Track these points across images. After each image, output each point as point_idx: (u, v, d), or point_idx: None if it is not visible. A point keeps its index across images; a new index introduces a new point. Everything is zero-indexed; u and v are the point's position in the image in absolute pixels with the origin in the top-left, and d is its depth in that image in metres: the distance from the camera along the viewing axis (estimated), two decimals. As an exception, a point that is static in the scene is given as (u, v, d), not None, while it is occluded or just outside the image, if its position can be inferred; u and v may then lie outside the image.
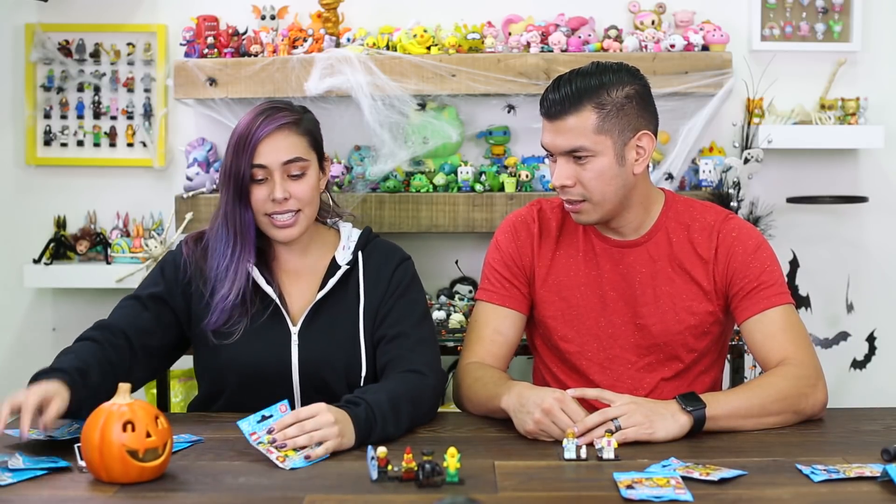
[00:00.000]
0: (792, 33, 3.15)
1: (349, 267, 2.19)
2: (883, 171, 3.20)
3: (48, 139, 3.20)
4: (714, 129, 3.11)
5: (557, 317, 2.22)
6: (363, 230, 2.27)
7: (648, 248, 2.20)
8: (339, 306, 2.17)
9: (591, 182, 2.09)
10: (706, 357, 2.22)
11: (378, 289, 2.18)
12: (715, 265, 2.16)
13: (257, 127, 2.11)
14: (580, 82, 2.08)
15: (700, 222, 2.20)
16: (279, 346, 2.14)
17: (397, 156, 2.98)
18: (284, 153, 2.12)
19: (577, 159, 2.09)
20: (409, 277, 2.22)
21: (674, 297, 2.17)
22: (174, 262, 2.22)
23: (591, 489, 1.66)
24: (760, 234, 2.23)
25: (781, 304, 2.12)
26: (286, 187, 2.11)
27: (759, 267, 2.14)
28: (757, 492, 1.63)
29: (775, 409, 1.98)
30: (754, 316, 2.11)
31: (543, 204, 2.30)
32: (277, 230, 2.15)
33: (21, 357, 3.25)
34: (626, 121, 2.10)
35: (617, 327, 2.19)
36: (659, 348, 2.18)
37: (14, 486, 1.67)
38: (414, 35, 3.00)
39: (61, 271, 3.10)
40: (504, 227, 2.30)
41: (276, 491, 1.66)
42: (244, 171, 2.10)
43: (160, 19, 3.17)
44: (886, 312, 3.21)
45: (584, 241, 2.24)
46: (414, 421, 1.99)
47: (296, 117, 2.16)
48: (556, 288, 2.22)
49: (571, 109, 2.06)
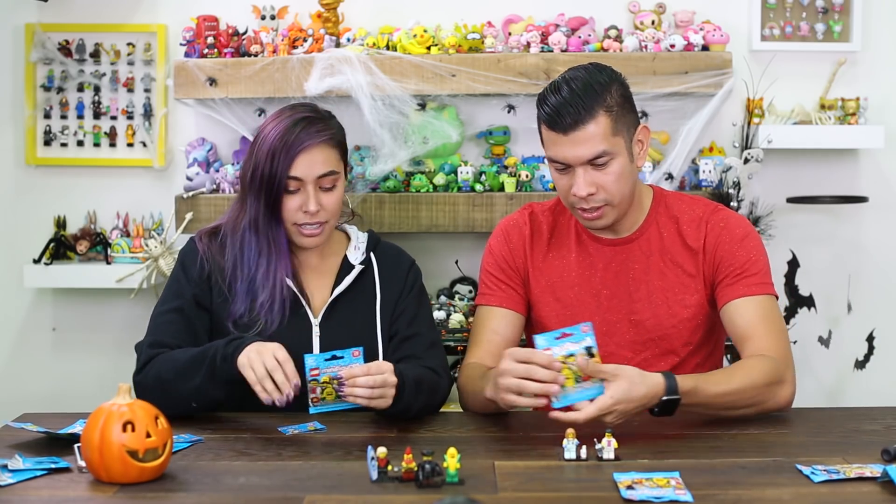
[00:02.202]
0: (792, 33, 3.15)
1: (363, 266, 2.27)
2: (883, 171, 3.20)
3: (48, 139, 3.20)
4: (714, 129, 3.11)
5: (552, 317, 2.24)
6: (369, 233, 2.35)
7: (640, 244, 2.22)
8: (356, 302, 2.25)
9: (611, 185, 2.11)
10: (701, 350, 2.23)
11: (394, 286, 2.28)
12: (704, 255, 2.18)
13: (296, 137, 2.14)
14: (583, 89, 2.08)
15: (689, 215, 2.22)
16: (301, 338, 2.18)
17: (397, 156, 2.98)
18: (320, 167, 2.17)
19: (596, 166, 2.09)
20: (420, 279, 2.34)
21: (666, 291, 2.19)
22: (192, 260, 2.23)
23: (591, 489, 1.66)
24: (750, 224, 2.25)
25: (764, 294, 2.13)
26: (319, 199, 2.17)
27: (745, 255, 2.16)
28: (757, 492, 1.63)
29: (747, 398, 1.99)
30: (734, 300, 2.12)
31: (535, 207, 2.33)
32: (304, 238, 2.21)
33: (21, 357, 3.25)
34: (628, 117, 2.13)
35: (612, 325, 2.21)
36: (654, 343, 2.20)
37: (14, 486, 1.68)
38: (414, 35, 3.00)
39: (61, 271, 3.10)
40: (496, 231, 2.34)
41: (276, 491, 1.66)
42: (279, 181, 2.14)
43: (160, 19, 3.17)
44: (886, 312, 3.21)
45: (576, 241, 2.26)
46: (423, 410, 2.09)
47: (332, 131, 2.21)
48: (551, 288, 2.25)
49: (587, 118, 2.06)
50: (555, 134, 2.10)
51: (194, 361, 2.02)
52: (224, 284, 2.20)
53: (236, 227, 2.23)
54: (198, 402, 2.03)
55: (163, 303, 2.22)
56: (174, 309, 2.18)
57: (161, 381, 2.04)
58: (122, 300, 3.16)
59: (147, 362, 2.09)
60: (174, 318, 2.17)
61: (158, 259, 3.00)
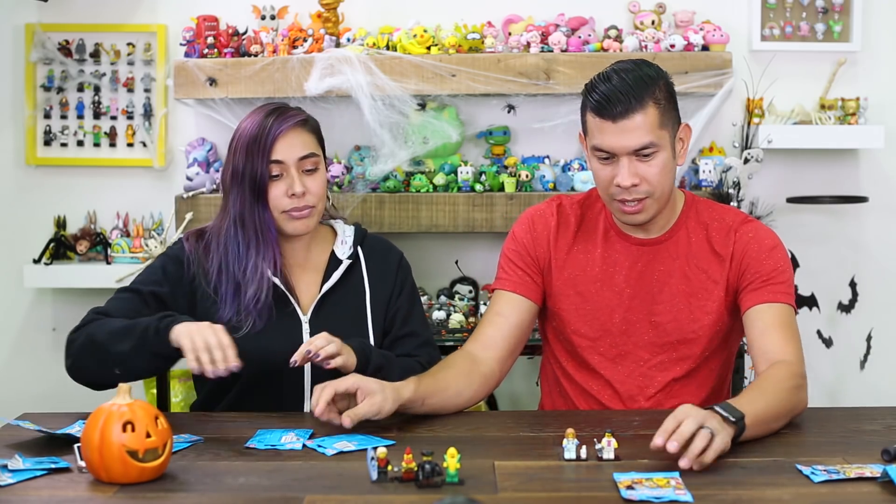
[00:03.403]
0: (792, 33, 3.15)
1: (350, 262, 2.27)
2: (883, 171, 3.20)
3: (48, 139, 3.20)
4: (714, 129, 3.12)
5: (571, 310, 2.22)
6: (355, 227, 2.34)
7: (668, 247, 2.21)
8: (345, 298, 2.25)
9: (655, 177, 2.09)
10: (716, 358, 2.22)
11: (385, 283, 2.29)
12: (731, 263, 2.17)
13: (271, 125, 2.17)
14: (634, 80, 2.07)
15: (719, 222, 2.22)
16: (291, 336, 2.18)
17: (397, 156, 2.98)
18: (300, 149, 2.19)
19: (641, 157, 2.08)
20: (410, 275, 2.35)
21: (689, 296, 2.18)
22: (177, 260, 2.23)
23: (591, 489, 1.66)
24: (778, 237, 2.23)
25: (786, 303, 2.13)
26: (303, 182, 2.18)
27: (773, 264, 2.15)
28: (757, 492, 1.63)
29: (783, 413, 1.95)
30: (758, 305, 2.11)
31: (563, 200, 2.31)
32: (295, 222, 2.20)
33: (21, 357, 3.25)
34: (673, 114, 2.13)
35: (631, 324, 2.20)
36: (672, 347, 2.18)
37: (14, 487, 1.67)
38: (414, 35, 3.00)
39: (61, 271, 3.10)
40: (522, 218, 2.31)
41: (276, 491, 1.66)
42: (261, 169, 2.16)
43: (160, 19, 3.18)
44: (886, 312, 3.21)
45: (603, 237, 2.24)
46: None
47: (304, 116, 2.24)
48: (572, 282, 2.23)
49: (637, 107, 2.06)
50: (603, 122, 2.08)
51: (126, 329, 2.04)
52: (209, 288, 2.19)
53: (220, 230, 2.22)
54: (121, 370, 2.03)
55: (129, 283, 2.24)
56: (133, 289, 2.19)
57: (92, 341, 2.06)
58: (122, 300, 3.16)
59: (86, 324, 2.11)
60: (129, 296, 2.18)
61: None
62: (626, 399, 2.19)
